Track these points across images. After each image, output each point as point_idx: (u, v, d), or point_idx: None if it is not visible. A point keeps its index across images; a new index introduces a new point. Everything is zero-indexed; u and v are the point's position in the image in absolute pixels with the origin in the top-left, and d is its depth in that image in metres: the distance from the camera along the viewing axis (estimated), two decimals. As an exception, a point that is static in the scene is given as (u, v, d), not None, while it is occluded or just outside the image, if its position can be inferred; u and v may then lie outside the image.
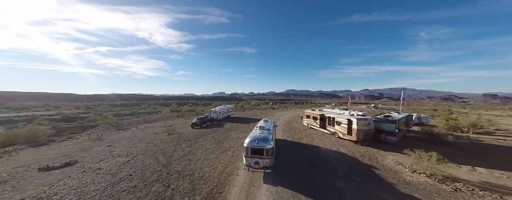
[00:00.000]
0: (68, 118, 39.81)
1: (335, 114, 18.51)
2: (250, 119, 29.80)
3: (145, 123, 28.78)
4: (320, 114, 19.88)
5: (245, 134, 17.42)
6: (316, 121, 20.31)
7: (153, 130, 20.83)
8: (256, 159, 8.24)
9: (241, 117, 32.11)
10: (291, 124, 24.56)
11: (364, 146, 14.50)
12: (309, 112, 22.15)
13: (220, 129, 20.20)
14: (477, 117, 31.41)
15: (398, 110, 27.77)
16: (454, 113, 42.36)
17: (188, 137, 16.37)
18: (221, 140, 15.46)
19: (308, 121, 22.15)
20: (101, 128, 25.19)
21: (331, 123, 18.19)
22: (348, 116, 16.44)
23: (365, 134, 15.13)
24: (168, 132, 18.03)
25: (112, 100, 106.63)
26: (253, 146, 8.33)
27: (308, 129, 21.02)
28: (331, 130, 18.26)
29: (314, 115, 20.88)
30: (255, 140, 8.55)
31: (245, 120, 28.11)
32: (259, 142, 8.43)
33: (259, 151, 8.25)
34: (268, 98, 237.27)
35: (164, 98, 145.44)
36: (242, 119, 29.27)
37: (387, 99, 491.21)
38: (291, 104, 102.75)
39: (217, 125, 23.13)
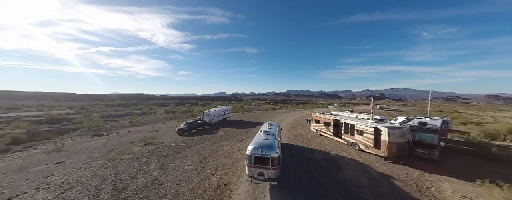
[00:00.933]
0: (54, 119, 36.31)
1: (353, 120, 14.68)
2: (249, 123, 25.99)
3: (131, 126, 25.17)
4: (334, 119, 16.02)
5: (240, 146, 13.70)
6: (328, 127, 16.46)
7: (133, 137, 17.19)
8: (260, 169, 7.22)
9: (239, 120, 28.33)
10: (296, 130, 20.75)
11: (399, 165, 10.64)
12: (319, 117, 18.29)
13: (210, 137, 16.43)
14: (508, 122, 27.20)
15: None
16: (465, 115, 38.14)
17: (166, 150, 12.61)
18: (207, 155, 11.66)
19: (318, 127, 18.30)
20: (78, 132, 21.65)
21: (348, 131, 14.34)
22: (374, 123, 12.60)
23: (399, 148, 11.25)
24: (146, 142, 14.33)
25: (111, 100, 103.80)
26: (257, 155, 7.35)
27: (318, 137, 17.20)
28: (348, 140, 14.42)
29: (325, 121, 17.02)
30: (259, 148, 7.54)
31: (243, 124, 24.32)
32: (264, 149, 7.45)
33: (264, 160, 7.28)
34: (269, 98, 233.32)
35: (164, 98, 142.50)
36: (239, 123, 25.47)
37: (389, 99, 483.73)
38: (293, 105, 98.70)
39: (209, 131, 19.39)
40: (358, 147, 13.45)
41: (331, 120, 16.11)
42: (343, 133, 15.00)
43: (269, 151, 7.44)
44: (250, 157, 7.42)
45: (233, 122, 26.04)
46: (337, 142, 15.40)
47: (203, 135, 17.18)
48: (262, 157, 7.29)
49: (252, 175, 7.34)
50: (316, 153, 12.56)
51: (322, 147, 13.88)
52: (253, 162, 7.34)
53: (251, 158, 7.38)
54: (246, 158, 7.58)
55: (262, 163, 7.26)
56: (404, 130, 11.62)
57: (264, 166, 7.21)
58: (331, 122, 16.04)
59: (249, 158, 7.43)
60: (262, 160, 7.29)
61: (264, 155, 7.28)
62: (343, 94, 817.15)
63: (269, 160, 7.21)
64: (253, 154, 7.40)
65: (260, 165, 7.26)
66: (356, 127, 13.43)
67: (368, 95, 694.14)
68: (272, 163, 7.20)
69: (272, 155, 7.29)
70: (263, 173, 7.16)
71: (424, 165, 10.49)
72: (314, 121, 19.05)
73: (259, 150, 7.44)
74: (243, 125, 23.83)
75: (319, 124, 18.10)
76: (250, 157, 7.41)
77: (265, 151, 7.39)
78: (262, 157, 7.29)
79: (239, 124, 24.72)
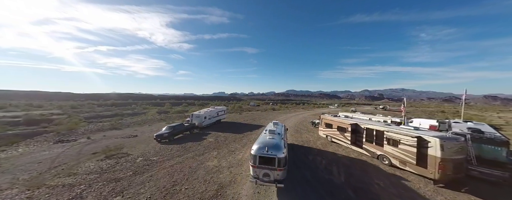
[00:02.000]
0: (32, 120, 32.58)
1: (381, 125, 11.19)
2: (246, 126, 22.43)
3: (111, 129, 21.60)
4: (352, 123, 12.50)
5: (231, 160, 10.20)
6: (344, 133, 12.95)
7: (100, 145, 13.64)
8: (266, 170, 6.74)
9: (235, 123, 24.76)
10: (301, 134, 17.25)
11: (460, 193, 7.19)
12: (331, 120, 14.78)
13: (195, 146, 12.84)
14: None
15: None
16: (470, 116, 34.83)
17: (126, 168, 8.98)
18: (182, 177, 8.05)
19: (329, 132, 14.79)
20: (43, 137, 18.10)
21: (373, 139, 10.87)
22: (417, 131, 9.13)
23: (457, 168, 7.78)
24: (107, 154, 10.76)
25: (107, 99, 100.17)
26: (262, 155, 6.89)
27: (330, 145, 13.71)
28: (372, 151, 10.95)
29: (340, 125, 13.50)
30: (264, 147, 7.06)
31: (239, 128, 20.75)
32: (270, 149, 6.96)
33: (270, 160, 6.80)
34: (268, 98, 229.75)
35: (162, 98, 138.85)
36: (235, 127, 21.91)
37: (388, 100, 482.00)
38: (292, 105, 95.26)
39: (196, 137, 15.83)
40: (388, 162, 9.98)
41: (348, 124, 12.59)
42: (365, 142, 11.51)
43: (275, 151, 6.99)
44: (255, 157, 6.99)
45: (228, 125, 22.49)
46: (357, 153, 11.91)
47: (187, 143, 13.60)
48: (267, 157, 6.88)
49: (257, 176, 6.91)
50: (335, 172, 9.03)
51: (340, 164, 10.37)
52: (258, 162, 6.92)
53: (256, 158, 6.96)
54: (251, 158, 7.16)
55: (267, 164, 6.84)
56: (464, 141, 8.14)
57: (270, 167, 6.79)
58: (348, 127, 12.52)
59: (254, 158, 7.00)
60: (267, 161, 6.87)
61: (270, 155, 6.86)
62: (342, 95, 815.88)
63: (275, 161, 6.78)
64: (258, 154, 6.98)
65: (266, 165, 6.84)
66: (387, 135, 9.93)
67: (367, 95, 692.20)
68: (279, 164, 6.76)
69: (278, 155, 6.85)
70: (269, 174, 6.76)
71: (496, 193, 7.02)
72: (324, 125, 15.53)
73: (265, 149, 7.01)
74: (239, 128, 20.27)
75: (330, 129, 14.59)
76: (255, 157, 6.98)
77: (271, 151, 6.95)
78: (268, 157, 6.87)
79: (235, 127, 21.16)
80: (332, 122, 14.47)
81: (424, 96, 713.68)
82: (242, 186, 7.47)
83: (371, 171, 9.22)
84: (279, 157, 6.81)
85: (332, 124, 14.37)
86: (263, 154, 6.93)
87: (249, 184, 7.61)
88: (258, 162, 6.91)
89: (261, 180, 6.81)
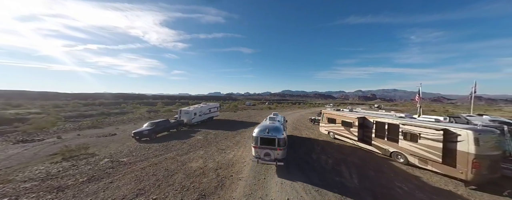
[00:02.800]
0: (5, 120, 29.48)
1: (394, 117, 9.77)
2: (240, 123, 20.64)
3: (90, 128, 19.27)
4: (359, 117, 11.00)
5: (221, 160, 8.44)
6: (350, 129, 11.44)
7: (69, 144, 11.48)
8: (267, 150, 7.27)
9: (229, 120, 22.92)
10: (300, 132, 15.69)
11: (504, 197, 5.77)
12: (334, 114, 13.28)
13: (179, 145, 10.95)
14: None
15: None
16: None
17: (83, 173, 6.96)
18: (153, 184, 6.08)
19: (332, 128, 13.28)
20: (9, 136, 15.64)
21: (386, 134, 9.40)
22: (442, 123, 7.73)
23: (493, 166, 6.38)
24: (65, 155, 8.72)
25: (95, 98, 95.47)
26: (264, 136, 7.39)
27: (333, 142, 12.19)
28: (384, 148, 9.48)
29: (345, 119, 11.97)
30: (265, 130, 7.58)
31: (232, 125, 18.95)
32: (270, 131, 7.50)
33: (270, 141, 7.31)
34: (264, 98, 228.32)
35: (155, 97, 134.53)
36: (228, 124, 20.08)
37: (380, 100, 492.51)
38: (288, 105, 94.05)
39: (183, 135, 13.92)
40: (404, 160, 8.53)
41: (354, 118, 11.07)
42: (375, 137, 10.03)
43: (275, 132, 7.41)
44: (256, 138, 7.40)
45: (220, 122, 20.64)
46: (365, 151, 10.43)
47: (171, 141, 11.68)
48: (268, 138, 7.28)
49: (258, 156, 7.30)
50: (345, 173, 7.45)
51: (348, 162, 8.82)
52: (260, 143, 7.32)
53: (258, 139, 7.36)
54: (252, 140, 7.57)
55: (268, 144, 7.24)
56: (498, 134, 6.75)
57: (271, 147, 7.20)
58: (355, 121, 11.00)
59: (256, 139, 7.41)
60: (268, 141, 7.28)
61: (271, 136, 7.27)
62: (336, 95, 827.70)
63: (275, 141, 7.19)
64: (259, 135, 7.38)
65: (267, 146, 7.25)
66: (403, 128, 8.46)
67: (360, 95, 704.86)
68: (278, 144, 7.17)
69: (278, 136, 7.27)
70: (270, 154, 7.21)
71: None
72: (326, 120, 14.01)
73: (266, 131, 7.42)
74: (232, 126, 18.45)
75: (333, 124, 13.07)
76: (257, 138, 7.38)
77: (272, 133, 7.39)
78: (269, 138, 7.28)
79: (228, 124, 19.33)
80: (335, 117, 12.95)
81: (414, 97, 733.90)
82: (232, 192, 5.77)
83: (387, 171, 7.71)
84: (279, 138, 7.22)
85: (336, 118, 12.85)
86: (264, 135, 7.34)
87: (241, 188, 5.91)
88: (260, 143, 7.31)
89: (263, 159, 7.23)
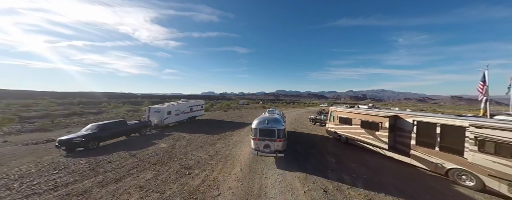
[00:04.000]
0: None
1: (453, 117, 6.45)
2: (227, 124, 16.89)
3: (36, 131, 14.78)
4: (390, 116, 7.64)
5: (178, 185, 4.70)
6: (375, 132, 8.07)
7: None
8: (267, 141, 6.96)
9: (215, 120, 19.11)
10: (300, 134, 12.27)
11: None
12: (348, 113, 9.89)
13: (123, 160, 6.99)
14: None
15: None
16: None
17: None
18: None
19: (346, 131, 9.91)
20: None
21: (436, 141, 6.12)
22: None
23: None
24: None
25: (79, 97, 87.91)
26: (263, 127, 7.08)
27: (347, 149, 8.81)
28: (435, 162, 6.19)
29: (367, 119, 8.56)
30: (265, 121, 7.28)
31: (217, 127, 15.17)
32: (270, 122, 7.20)
33: (270, 132, 6.98)
34: (258, 98, 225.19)
35: (144, 96, 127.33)
36: (213, 125, 16.27)
37: (370, 100, 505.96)
38: (283, 104, 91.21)
39: (145, 140, 10.02)
40: (476, 183, 5.28)
41: (383, 118, 7.71)
42: (416, 145, 6.74)
43: (275, 124, 7.16)
44: (256, 130, 7.11)
45: (204, 123, 16.80)
46: (398, 164, 7.12)
47: (115, 153, 7.71)
48: (268, 129, 7.03)
49: (258, 148, 7.03)
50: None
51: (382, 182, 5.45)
52: (259, 135, 7.03)
53: (257, 131, 7.07)
54: (252, 132, 7.26)
55: (268, 136, 6.99)
56: None
57: (270, 138, 6.96)
58: (384, 121, 7.64)
59: (255, 131, 7.12)
60: (268, 133, 7.00)
61: (270, 127, 7.03)
62: (329, 95, 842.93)
63: (275, 132, 6.93)
64: (259, 127, 7.11)
65: (266, 137, 6.99)
66: (476, 133, 5.19)
67: (351, 95, 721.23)
68: (278, 135, 6.92)
69: (278, 127, 7.02)
70: (269, 145, 6.93)
71: None
72: (337, 120, 10.60)
73: (265, 123, 7.18)
74: (217, 127, 14.66)
75: (348, 126, 9.70)
76: (256, 130, 7.10)
77: (271, 124, 7.14)
78: (268, 130, 7.02)
79: (212, 125, 15.52)
80: (351, 116, 9.56)
81: (401, 97, 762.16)
82: None
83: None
84: (279, 129, 6.92)
85: (352, 118, 9.46)
86: (264, 126, 7.04)
87: None
88: (259, 134, 6.97)
89: (262, 151, 6.90)
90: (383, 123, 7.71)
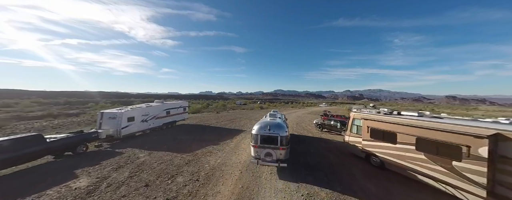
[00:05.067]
0: None
1: None
2: (214, 131, 13.20)
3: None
4: (491, 135, 4.08)
5: None
6: (450, 162, 4.53)
7: None
8: (268, 150, 6.26)
9: (200, 126, 15.41)
10: (307, 147, 8.72)
11: None
12: (386, 122, 6.32)
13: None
14: None
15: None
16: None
17: None
18: None
19: (384, 151, 6.35)
20: None
21: None
22: None
23: None
24: None
25: (69, 97, 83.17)
26: (264, 134, 6.35)
27: (391, 181, 5.26)
28: None
29: (426, 135, 5.00)
30: (266, 127, 6.51)
31: (198, 135, 11.44)
32: (272, 128, 6.43)
33: (272, 139, 6.29)
34: (256, 98, 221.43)
35: (139, 96, 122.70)
36: (194, 132, 12.54)
37: (367, 99, 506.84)
38: (281, 104, 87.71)
39: (63, 166, 6.37)
40: None
41: (476, 138, 4.17)
42: None
43: (277, 130, 6.40)
44: (256, 136, 6.41)
45: (182, 130, 13.10)
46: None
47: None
48: (270, 136, 6.31)
49: (258, 156, 6.31)
50: None
51: None
52: (260, 142, 6.33)
53: (258, 137, 6.38)
54: (252, 138, 6.56)
55: (269, 143, 6.29)
56: None
57: (272, 146, 6.24)
58: (477, 145, 4.12)
59: (255, 137, 6.42)
60: (269, 140, 6.31)
61: (273, 134, 6.30)
62: (326, 94, 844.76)
63: (277, 139, 6.24)
64: (259, 133, 6.40)
65: (268, 145, 6.29)
66: None
67: (348, 95, 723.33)
68: (281, 143, 6.20)
69: (281, 134, 6.28)
70: (271, 154, 6.24)
71: None
72: (367, 132, 7.05)
73: (267, 129, 6.45)
74: (195, 138, 10.90)
75: (386, 144, 6.17)
76: (257, 136, 6.40)
77: (273, 130, 6.38)
78: (270, 136, 6.31)
79: (191, 134, 11.79)
80: (395, 128, 6.01)
81: (397, 97, 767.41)
82: None
83: None
84: (282, 136, 6.26)
85: (396, 132, 5.92)
86: (265, 133, 6.37)
87: None
88: (260, 141, 6.34)
89: (263, 160, 6.24)
90: (474, 146, 4.16)
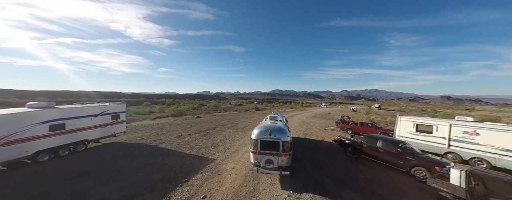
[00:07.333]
0: None
1: None
2: (141, 169, 7.28)
3: None
4: None
5: None
6: None
7: None
8: (269, 156, 5.68)
9: (144, 147, 9.52)
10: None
11: None
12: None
13: None
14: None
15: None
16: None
17: None
18: None
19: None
20: None
21: None
22: None
23: None
24: None
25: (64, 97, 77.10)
26: (265, 139, 5.75)
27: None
28: None
29: None
30: (266, 131, 5.91)
31: (113, 176, 5.52)
32: (273, 133, 5.83)
33: (273, 145, 5.69)
34: (254, 97, 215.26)
35: (133, 96, 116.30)
36: (92, 173, 6.60)
37: (364, 99, 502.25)
38: (279, 104, 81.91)
39: None
40: None
41: None
42: None
43: (279, 134, 5.82)
44: (256, 142, 5.80)
45: (92, 163, 7.24)
46: None
47: None
48: (270, 141, 5.72)
49: (258, 163, 5.72)
50: None
51: None
52: (260, 148, 5.74)
53: (258, 143, 5.77)
54: (251, 144, 5.91)
55: (270, 149, 5.71)
56: None
57: (273, 152, 5.67)
58: None
59: (255, 143, 5.80)
60: (270, 145, 5.72)
61: (274, 139, 5.71)
62: (324, 94, 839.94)
63: (279, 145, 5.64)
64: (260, 138, 5.79)
65: (268, 151, 5.71)
66: None
67: (346, 95, 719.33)
68: (283, 149, 5.62)
69: (282, 139, 5.69)
70: (272, 161, 5.65)
71: None
72: None
73: (267, 133, 5.85)
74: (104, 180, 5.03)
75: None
76: (256, 142, 5.79)
77: (274, 134, 5.80)
78: (271, 141, 5.72)
79: (104, 173, 5.94)
80: None
81: (394, 97, 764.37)
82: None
83: None
84: (284, 141, 5.67)
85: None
86: (265, 138, 5.77)
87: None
88: (260, 147, 5.74)
89: (264, 167, 5.64)
90: None
